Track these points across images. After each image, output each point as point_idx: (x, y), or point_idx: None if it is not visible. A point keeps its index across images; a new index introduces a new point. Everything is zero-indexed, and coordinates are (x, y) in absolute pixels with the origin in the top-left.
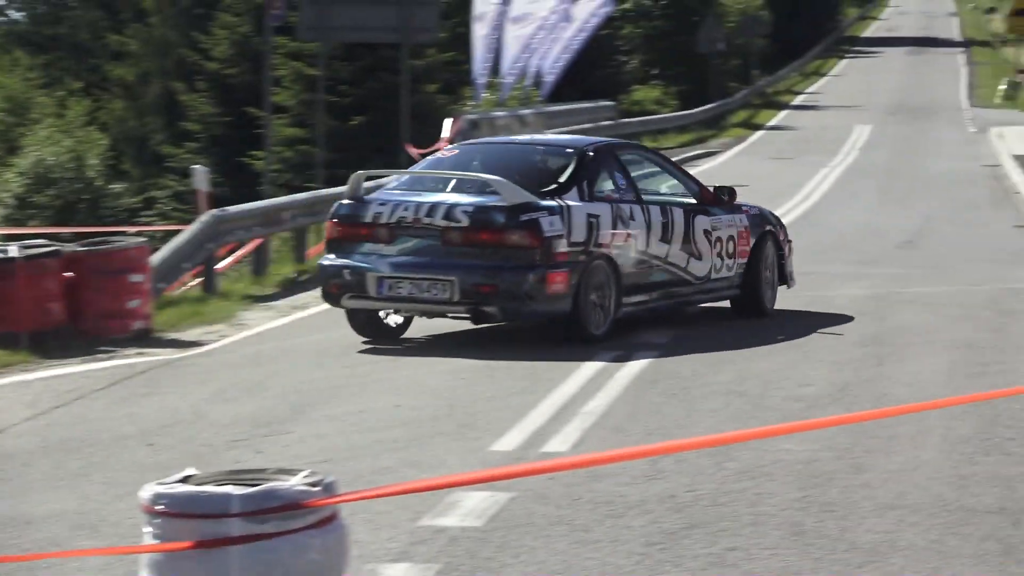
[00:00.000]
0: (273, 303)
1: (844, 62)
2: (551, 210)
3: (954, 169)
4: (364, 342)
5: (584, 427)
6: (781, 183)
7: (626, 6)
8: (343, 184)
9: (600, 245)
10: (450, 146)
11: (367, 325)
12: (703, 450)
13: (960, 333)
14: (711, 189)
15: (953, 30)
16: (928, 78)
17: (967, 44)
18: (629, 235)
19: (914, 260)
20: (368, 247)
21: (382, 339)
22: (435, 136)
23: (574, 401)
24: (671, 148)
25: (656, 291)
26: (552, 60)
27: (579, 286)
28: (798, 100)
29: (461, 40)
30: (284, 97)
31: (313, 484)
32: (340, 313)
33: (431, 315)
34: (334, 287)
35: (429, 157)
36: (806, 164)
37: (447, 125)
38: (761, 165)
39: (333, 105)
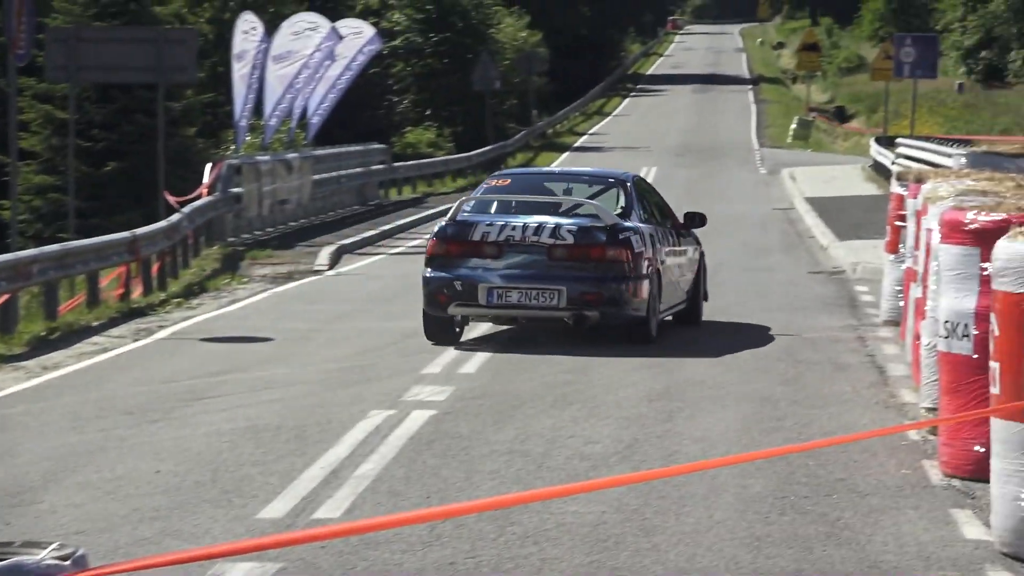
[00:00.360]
0: (22, 363)
1: (628, 100)
2: (635, 230)
3: (745, 213)
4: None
5: (357, 491)
6: None
7: (395, 43)
8: (96, 234)
9: (657, 261)
10: (499, 173)
11: (439, 331)
12: (484, 514)
13: (753, 386)
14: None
15: (741, 66)
16: (716, 117)
17: (756, 81)
18: (667, 253)
19: (704, 309)
20: (475, 262)
21: (445, 342)
22: (195, 182)
23: (346, 464)
24: (448, 193)
25: (670, 304)
26: (318, 101)
27: (650, 294)
28: (580, 141)
29: (221, 80)
30: (32, 142)
31: (63, 558)
32: (99, 372)
33: (537, 320)
34: (443, 296)
35: (491, 184)
36: None
37: (208, 171)
38: None
39: (85, 150)
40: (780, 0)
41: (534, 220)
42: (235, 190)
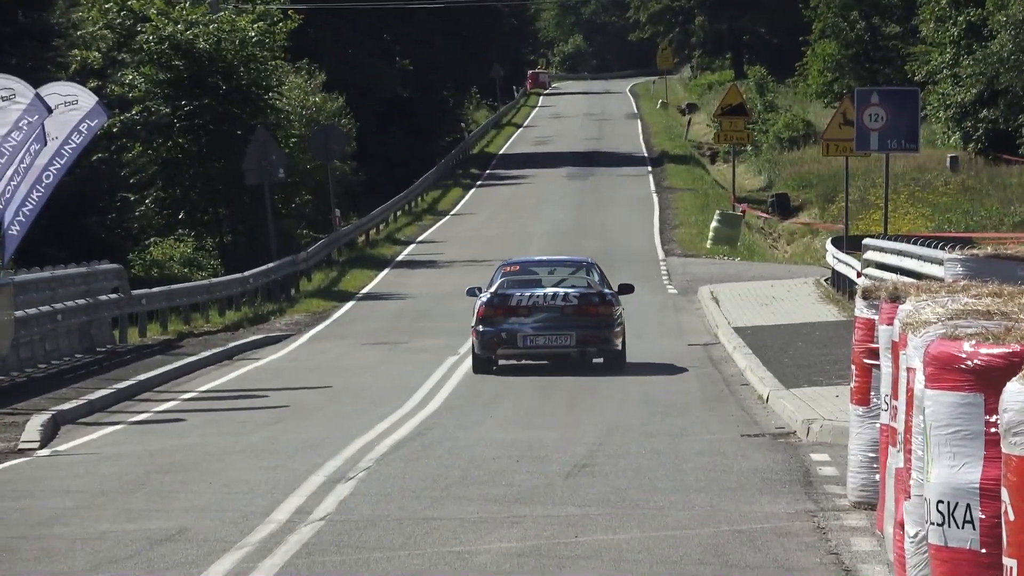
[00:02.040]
0: None
1: (473, 192)
2: (613, 295)
3: (647, 351)
4: None
5: None
6: (384, 381)
7: (132, 115)
8: None
9: (623, 316)
10: (508, 262)
11: (484, 367)
12: None
13: None
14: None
15: (636, 139)
16: (603, 212)
17: (658, 160)
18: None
19: (591, 494)
20: (513, 320)
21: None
22: None
23: None
24: (214, 332)
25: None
26: (18, 203)
27: (623, 337)
28: (406, 253)
29: None
30: None
31: None
32: None
33: (554, 357)
34: (494, 343)
35: (515, 268)
36: (422, 351)
37: None
38: (352, 354)
39: None
40: (688, 43)
41: (550, 291)
42: None
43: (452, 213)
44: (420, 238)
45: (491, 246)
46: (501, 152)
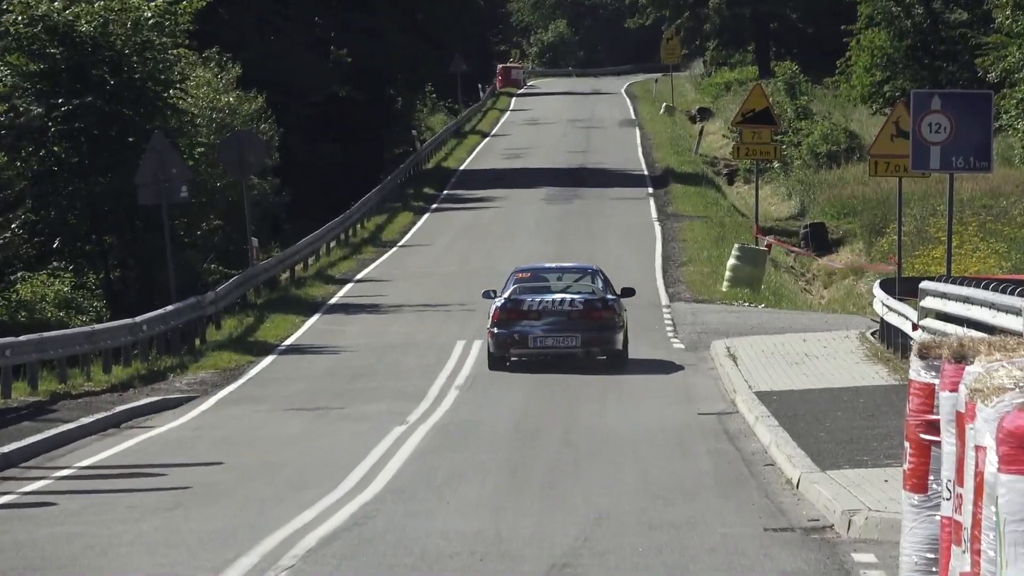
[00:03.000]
0: None
1: (428, 217)
2: (616, 299)
3: (646, 422)
4: None
5: None
6: (312, 456)
7: None
8: None
9: (625, 317)
10: (520, 268)
11: (499, 364)
12: None
13: None
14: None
15: (634, 153)
16: (592, 244)
17: (661, 178)
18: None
19: None
20: (525, 322)
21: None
22: None
23: None
24: (99, 392)
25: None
26: None
27: (625, 337)
28: (342, 294)
29: None
30: None
31: None
32: None
33: (561, 355)
34: (508, 344)
35: (527, 275)
36: (361, 419)
37: None
38: (271, 422)
39: None
40: (700, 31)
41: (558, 296)
42: None
43: (400, 244)
44: (360, 276)
45: (450, 286)
46: (463, 167)
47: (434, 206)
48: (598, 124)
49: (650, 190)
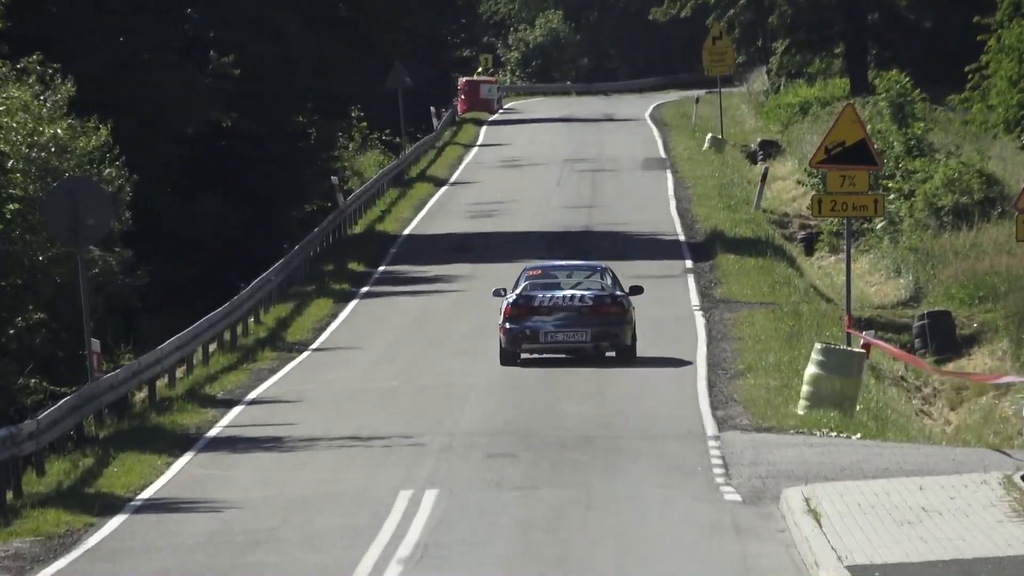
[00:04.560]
0: None
1: (355, 307)
2: (624, 296)
3: None
4: None
5: None
6: None
7: None
8: None
9: (633, 314)
10: (531, 266)
11: (511, 359)
12: None
13: None
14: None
15: (665, 208)
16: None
17: (704, 247)
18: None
19: None
20: (536, 318)
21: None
22: None
23: None
24: None
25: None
26: None
27: (633, 332)
28: (227, 422)
29: None
30: None
31: None
32: None
33: (571, 352)
34: (519, 339)
35: (538, 272)
36: None
37: None
38: None
39: None
40: (763, 27)
41: (568, 292)
42: None
43: (314, 347)
44: (253, 395)
45: (389, 410)
46: (407, 232)
47: (364, 289)
48: (610, 166)
49: (689, 263)
